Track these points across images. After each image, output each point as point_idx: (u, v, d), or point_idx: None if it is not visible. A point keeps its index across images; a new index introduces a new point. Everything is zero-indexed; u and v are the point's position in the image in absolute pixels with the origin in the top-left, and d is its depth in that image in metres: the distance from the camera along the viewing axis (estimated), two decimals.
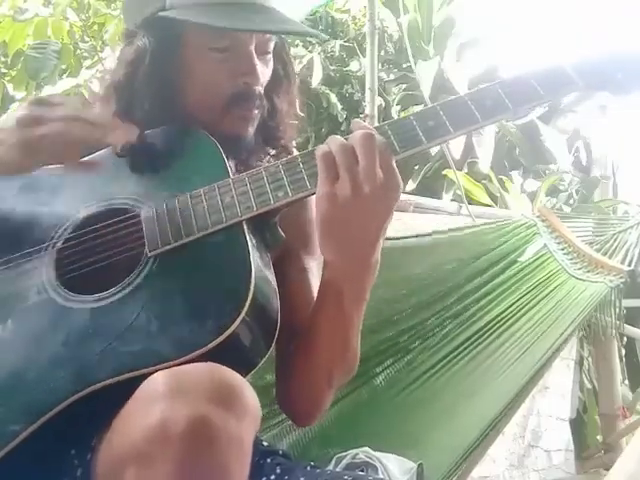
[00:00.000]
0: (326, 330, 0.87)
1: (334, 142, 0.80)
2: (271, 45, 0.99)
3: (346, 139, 0.81)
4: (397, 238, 1.68)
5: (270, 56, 1.00)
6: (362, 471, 1.06)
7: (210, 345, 0.72)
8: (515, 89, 0.84)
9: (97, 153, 0.94)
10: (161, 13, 0.92)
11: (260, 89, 0.98)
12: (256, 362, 0.79)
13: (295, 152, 1.08)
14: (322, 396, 0.95)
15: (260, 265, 0.81)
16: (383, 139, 0.80)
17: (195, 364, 0.67)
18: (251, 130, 0.99)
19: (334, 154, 0.78)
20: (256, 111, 0.98)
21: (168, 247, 0.82)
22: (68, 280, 0.84)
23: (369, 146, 0.78)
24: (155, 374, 0.66)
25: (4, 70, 4.33)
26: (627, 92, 0.85)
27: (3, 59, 4.23)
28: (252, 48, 0.95)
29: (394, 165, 0.79)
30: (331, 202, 0.78)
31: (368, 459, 1.08)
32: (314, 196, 0.82)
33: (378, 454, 1.08)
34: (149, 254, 0.82)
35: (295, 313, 0.93)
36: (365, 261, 0.83)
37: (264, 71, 0.98)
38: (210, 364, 0.67)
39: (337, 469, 1.08)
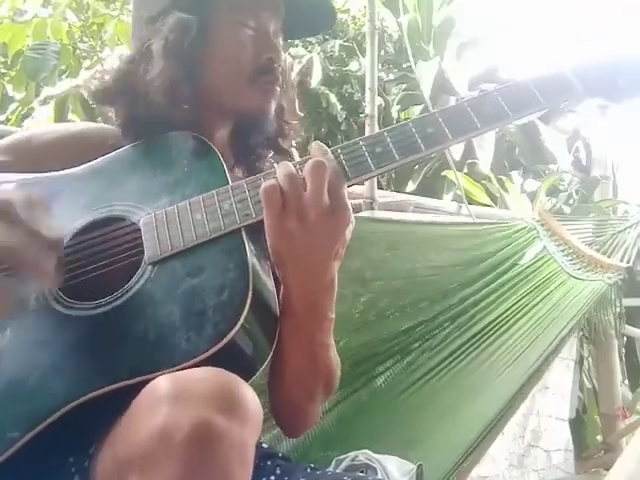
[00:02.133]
0: (291, 346, 0.86)
1: (282, 171, 0.80)
2: (281, 35, 1.05)
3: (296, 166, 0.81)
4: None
5: (280, 46, 1.04)
6: (362, 473, 1.06)
7: (208, 353, 0.72)
8: (514, 96, 0.84)
9: (98, 159, 0.94)
10: None
11: (280, 68, 1.01)
12: (256, 369, 0.79)
13: (294, 152, 1.08)
14: (304, 411, 0.95)
15: (259, 271, 0.81)
16: (335, 164, 0.80)
17: (198, 369, 0.67)
18: (272, 107, 1.01)
19: (280, 184, 0.78)
20: (277, 88, 1.02)
21: (167, 254, 0.81)
22: (67, 287, 0.83)
23: (318, 174, 0.77)
24: (158, 378, 0.66)
25: (4, 70, 4.33)
26: (628, 98, 0.84)
27: (3, 60, 4.22)
28: (271, 31, 1.02)
29: (344, 193, 0.79)
30: (277, 232, 0.78)
31: (368, 461, 1.08)
32: None
33: (378, 456, 1.08)
34: (148, 261, 0.81)
35: None
36: (317, 284, 0.83)
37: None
38: (213, 369, 0.67)
39: (337, 471, 1.08)
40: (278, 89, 1.02)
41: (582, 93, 0.83)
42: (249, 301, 0.75)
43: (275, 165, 1.08)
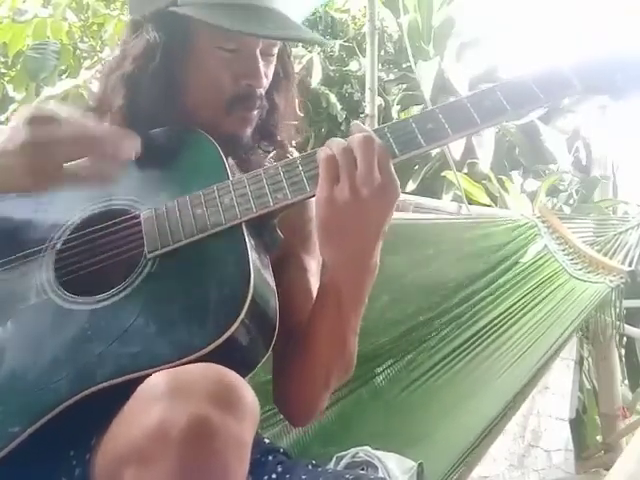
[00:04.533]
0: (324, 331, 0.87)
1: (336, 145, 0.80)
2: (276, 49, 1.00)
3: (345, 141, 0.81)
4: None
5: (273, 58, 1.01)
6: (362, 470, 1.06)
7: (209, 347, 0.72)
8: (514, 92, 0.84)
9: None
10: (172, 8, 0.92)
11: (262, 91, 0.98)
12: (255, 363, 0.79)
13: (294, 152, 1.08)
14: (319, 397, 0.95)
15: (259, 266, 0.81)
16: (382, 142, 0.80)
17: (195, 364, 0.68)
18: (249, 130, 1.00)
19: (337, 157, 0.79)
20: (255, 112, 0.99)
21: (167, 249, 0.81)
22: (67, 282, 0.83)
23: (368, 150, 0.78)
24: (155, 374, 0.66)
25: (4, 70, 4.33)
26: (627, 95, 0.84)
27: (3, 60, 4.22)
28: (258, 51, 0.96)
29: (392, 168, 0.80)
30: (330, 206, 0.79)
31: (368, 458, 1.08)
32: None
33: (378, 453, 1.08)
34: (148, 255, 0.81)
35: (294, 313, 0.93)
36: (364, 264, 0.83)
37: (267, 73, 0.99)
38: (210, 364, 0.67)
39: (337, 468, 1.08)
40: (256, 113, 0.99)
41: (581, 89, 0.83)
42: (250, 296, 0.75)
43: (271, 160, 1.08)
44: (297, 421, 1.03)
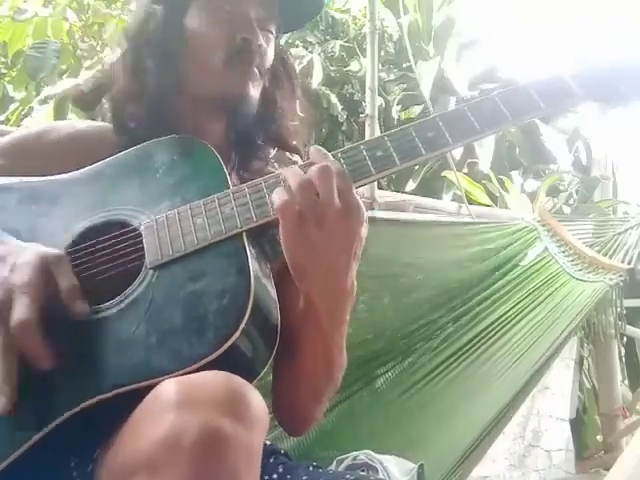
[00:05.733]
0: (308, 350, 0.87)
1: (294, 180, 0.78)
2: (272, 25, 1.02)
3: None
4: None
5: (272, 36, 1.02)
6: (363, 472, 1.06)
7: (210, 358, 0.72)
8: (515, 100, 0.84)
9: (97, 163, 0.94)
10: None
11: (259, 46, 0.99)
12: (258, 372, 0.79)
13: (295, 156, 1.08)
14: (309, 411, 0.95)
15: (260, 275, 0.80)
16: (338, 165, 0.79)
17: (203, 373, 0.67)
18: (253, 91, 0.99)
19: (295, 195, 0.77)
20: (255, 70, 0.99)
21: (168, 259, 0.81)
22: None
23: (326, 179, 0.77)
24: (165, 382, 0.65)
25: (4, 70, 4.33)
26: (630, 103, 0.84)
27: (3, 60, 4.22)
28: (252, 15, 0.99)
29: (354, 193, 0.79)
30: (298, 243, 0.78)
31: (369, 461, 1.08)
32: None
33: (379, 456, 1.08)
34: (149, 266, 0.81)
35: (295, 325, 0.93)
36: (339, 289, 0.83)
37: (267, 48, 1.00)
38: (219, 372, 0.66)
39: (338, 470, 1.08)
40: (257, 71, 0.99)
41: (582, 98, 0.83)
42: (250, 305, 0.75)
43: (276, 166, 1.08)
44: (290, 431, 1.03)
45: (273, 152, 1.09)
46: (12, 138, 1.02)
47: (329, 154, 0.81)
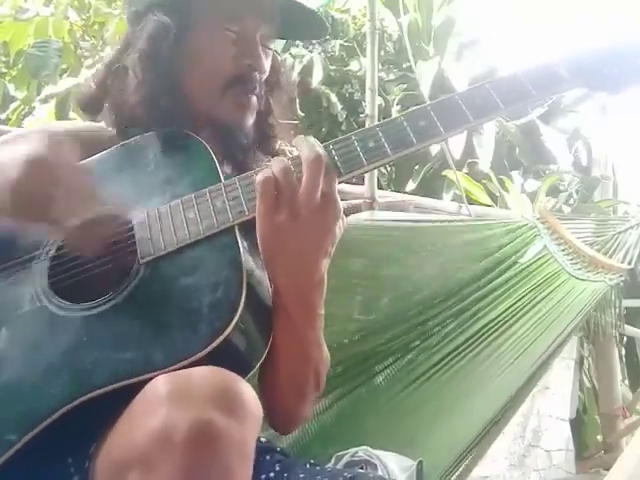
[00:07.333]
0: (282, 347, 0.87)
1: (277, 165, 0.79)
2: (272, 42, 1.02)
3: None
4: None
5: (270, 52, 1.02)
6: (361, 469, 1.06)
7: (203, 352, 0.72)
8: (506, 88, 0.84)
9: (88, 159, 0.94)
10: None
11: (261, 77, 0.99)
12: (252, 366, 0.80)
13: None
14: (293, 408, 0.95)
15: (253, 269, 0.81)
16: (327, 159, 0.79)
17: (196, 368, 0.67)
18: (249, 120, 0.99)
19: (276, 178, 0.78)
20: (254, 99, 0.99)
21: (160, 253, 0.81)
22: (61, 288, 0.83)
23: (315, 168, 0.77)
24: (158, 377, 0.66)
25: (5, 70, 4.33)
26: (625, 88, 0.84)
27: (4, 59, 4.22)
28: (258, 37, 0.99)
29: (335, 189, 0.79)
30: (268, 224, 0.78)
31: (367, 457, 1.08)
32: None
33: (377, 452, 1.08)
34: (141, 261, 0.81)
35: None
36: (307, 282, 0.83)
37: (266, 63, 1.01)
38: (211, 367, 0.67)
39: (336, 467, 1.08)
40: (255, 100, 0.99)
41: (573, 83, 0.82)
42: (243, 299, 0.75)
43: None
44: (278, 429, 1.03)
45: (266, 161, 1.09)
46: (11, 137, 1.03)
47: (319, 143, 0.81)
